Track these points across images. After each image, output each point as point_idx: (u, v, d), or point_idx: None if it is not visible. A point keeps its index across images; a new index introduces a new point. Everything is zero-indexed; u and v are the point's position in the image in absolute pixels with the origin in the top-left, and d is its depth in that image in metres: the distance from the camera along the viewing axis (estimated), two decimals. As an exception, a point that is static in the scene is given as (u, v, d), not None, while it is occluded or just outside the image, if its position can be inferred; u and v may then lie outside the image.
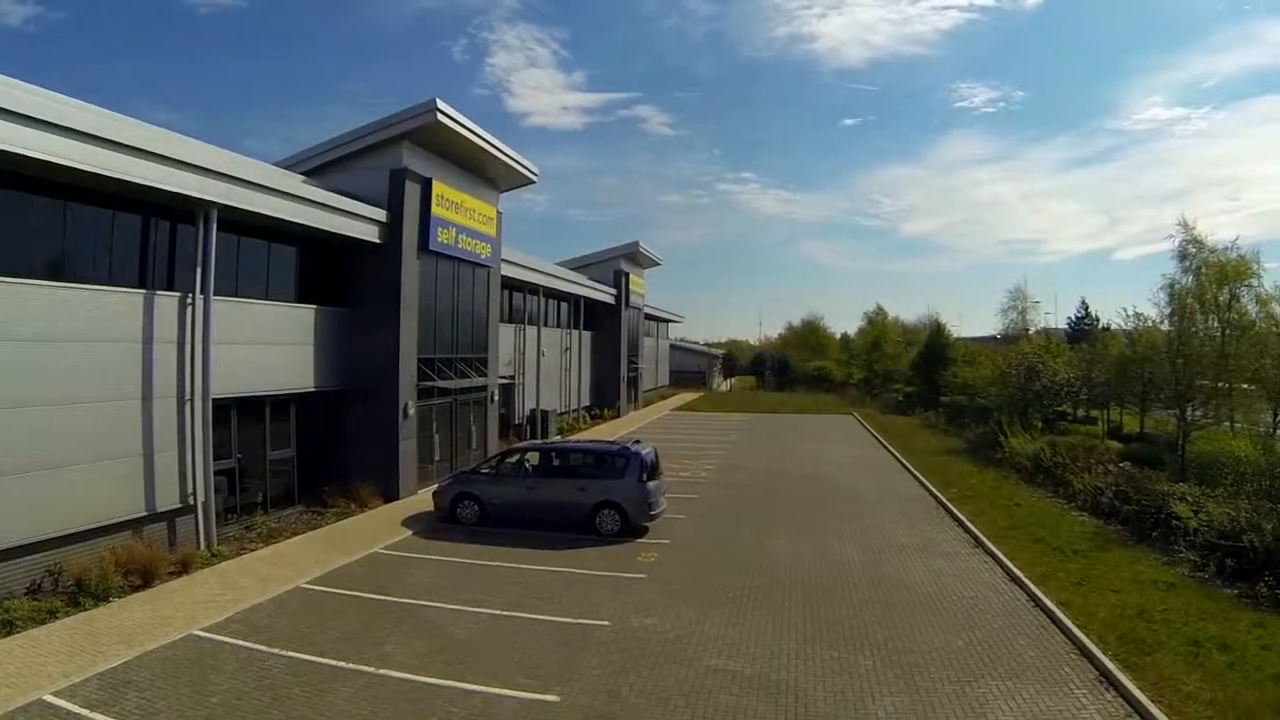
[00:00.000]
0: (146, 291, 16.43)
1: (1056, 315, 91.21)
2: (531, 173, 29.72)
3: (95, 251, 15.93)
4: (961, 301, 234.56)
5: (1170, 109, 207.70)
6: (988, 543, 18.91)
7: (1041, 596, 14.75)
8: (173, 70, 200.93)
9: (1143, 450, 28.86)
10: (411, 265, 23.80)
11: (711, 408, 64.78)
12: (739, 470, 31.08)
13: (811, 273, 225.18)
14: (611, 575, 16.32)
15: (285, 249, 21.47)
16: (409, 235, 23.63)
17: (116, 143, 14.27)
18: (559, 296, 44.27)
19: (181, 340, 17.14)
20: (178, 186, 15.83)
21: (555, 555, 17.70)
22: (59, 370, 14.49)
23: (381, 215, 22.88)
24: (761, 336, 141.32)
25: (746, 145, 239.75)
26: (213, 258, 17.29)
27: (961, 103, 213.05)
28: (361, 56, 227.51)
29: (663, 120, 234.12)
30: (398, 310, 23.18)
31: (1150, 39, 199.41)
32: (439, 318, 25.93)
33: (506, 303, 35.91)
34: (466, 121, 24.20)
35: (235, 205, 17.46)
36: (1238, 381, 28.90)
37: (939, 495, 25.27)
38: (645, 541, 19.15)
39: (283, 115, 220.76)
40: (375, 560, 17.31)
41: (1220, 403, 28.74)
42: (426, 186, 24.34)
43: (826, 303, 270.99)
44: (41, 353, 14.16)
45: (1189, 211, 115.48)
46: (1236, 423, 29.99)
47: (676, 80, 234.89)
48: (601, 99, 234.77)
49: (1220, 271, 29.50)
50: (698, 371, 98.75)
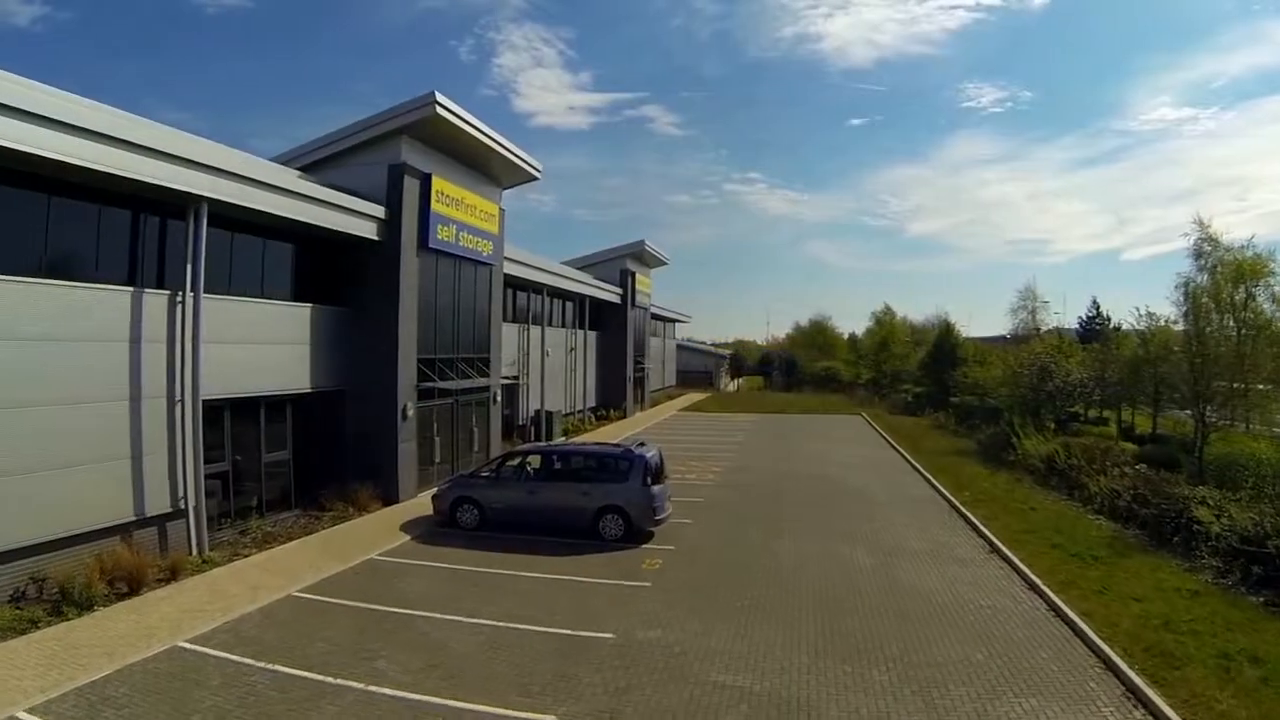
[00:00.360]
0: (134, 289, 15.97)
1: (1065, 315, 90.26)
2: (534, 169, 29.21)
3: (80, 247, 15.45)
4: (969, 302, 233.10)
5: (1178, 109, 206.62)
6: (1004, 548, 18.30)
7: (1062, 606, 14.14)
8: (180, 70, 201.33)
9: (1158, 452, 28.18)
10: (411, 263, 23.30)
11: (719, 408, 64.19)
12: (746, 472, 30.50)
13: (819, 273, 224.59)
14: (614, 583, 15.74)
15: (281, 246, 21.00)
16: (408, 232, 23.14)
17: (99, 134, 13.78)
18: (564, 296, 43.73)
19: (171, 339, 16.70)
20: (165, 180, 15.37)
21: (557, 562, 17.18)
22: (41, 370, 14.02)
23: (380, 212, 22.43)
24: (769, 336, 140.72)
25: (753, 145, 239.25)
26: (203, 254, 16.85)
27: (969, 103, 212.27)
28: (367, 57, 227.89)
29: (670, 120, 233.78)
30: (396, 309, 22.70)
31: (1158, 39, 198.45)
32: (439, 317, 25.43)
33: (510, 302, 35.42)
34: (466, 115, 23.69)
35: (226, 200, 17.00)
36: (1254, 382, 28.33)
37: (951, 498, 24.64)
38: (650, 547, 18.59)
39: (288, 116, 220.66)
40: (371, 567, 16.80)
41: (1238, 404, 28.11)
42: (426, 182, 23.85)
43: (834, 303, 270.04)
44: (21, 352, 13.68)
45: (1196, 211, 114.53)
46: (1253, 424, 29.40)
47: (683, 80, 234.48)
48: (608, 99, 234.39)
49: (1236, 270, 28.91)
50: (705, 372, 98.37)
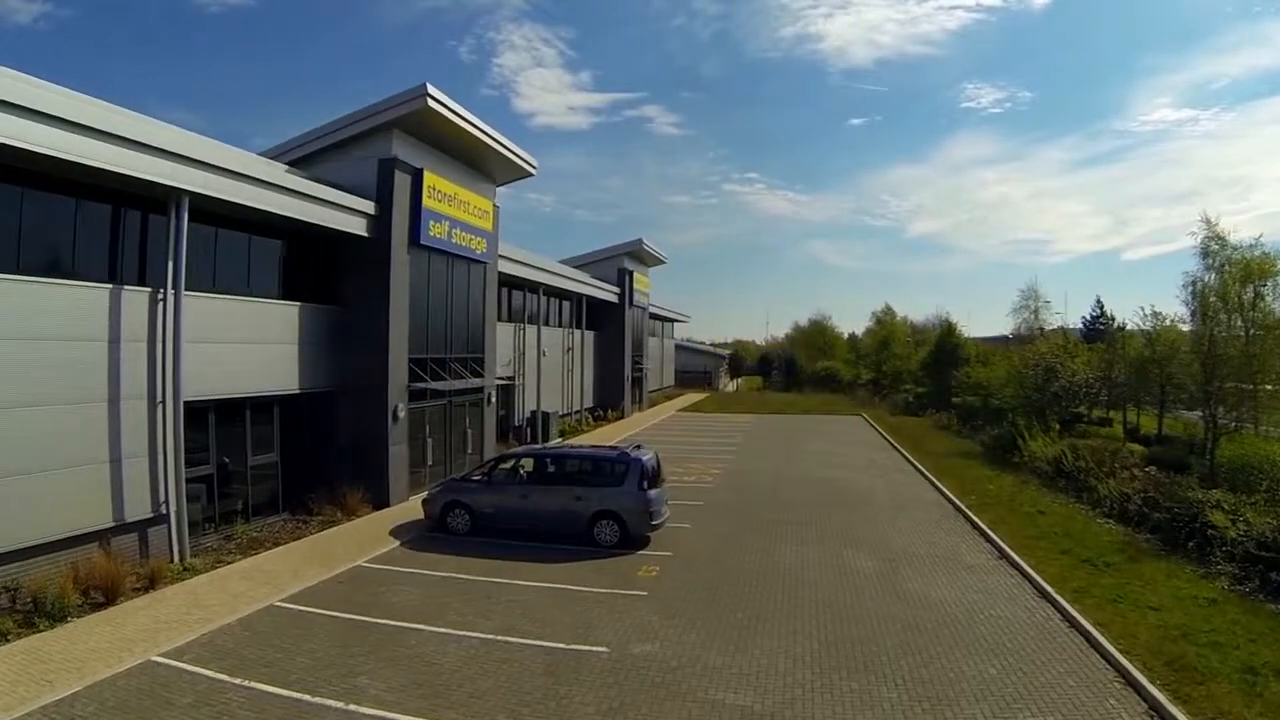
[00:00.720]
0: (113, 286, 15.47)
1: (1067, 315, 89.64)
2: (529, 165, 28.62)
3: (56, 243, 14.93)
4: (969, 302, 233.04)
5: (1178, 110, 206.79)
6: (1013, 554, 17.68)
7: (1077, 616, 13.54)
8: (182, 69, 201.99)
9: (1167, 454, 27.61)
10: (402, 260, 22.73)
11: (718, 409, 63.64)
12: (746, 474, 29.88)
13: (818, 273, 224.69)
14: (609, 593, 15.11)
15: (268, 242, 20.54)
16: (399, 228, 22.59)
17: (71, 122, 13.20)
18: (560, 295, 43.18)
19: (152, 338, 16.20)
20: (143, 172, 14.84)
21: (549, 570, 16.56)
22: (16, 371, 13.50)
23: (369, 207, 21.90)
24: (768, 336, 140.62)
25: (753, 145, 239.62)
26: (184, 250, 16.32)
27: (969, 103, 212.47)
28: (369, 56, 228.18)
29: (669, 120, 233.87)
30: (387, 308, 22.14)
31: (1158, 40, 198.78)
32: (432, 316, 24.86)
33: (505, 301, 34.97)
34: (459, 109, 23.10)
35: (208, 194, 16.49)
36: (1263, 382, 27.78)
37: (956, 501, 24.05)
38: (647, 554, 17.97)
39: (289, 115, 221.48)
40: (358, 575, 16.21)
41: (1250, 405, 27.55)
42: (417, 177, 23.28)
43: (833, 303, 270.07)
44: (-4, 352, 13.13)
45: (1196, 212, 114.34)
46: (1263, 425, 28.85)
47: (683, 80, 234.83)
48: (608, 99, 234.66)
49: (1244, 269, 28.41)
50: (704, 372, 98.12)
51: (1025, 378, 37.57)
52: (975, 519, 21.43)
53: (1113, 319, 58.49)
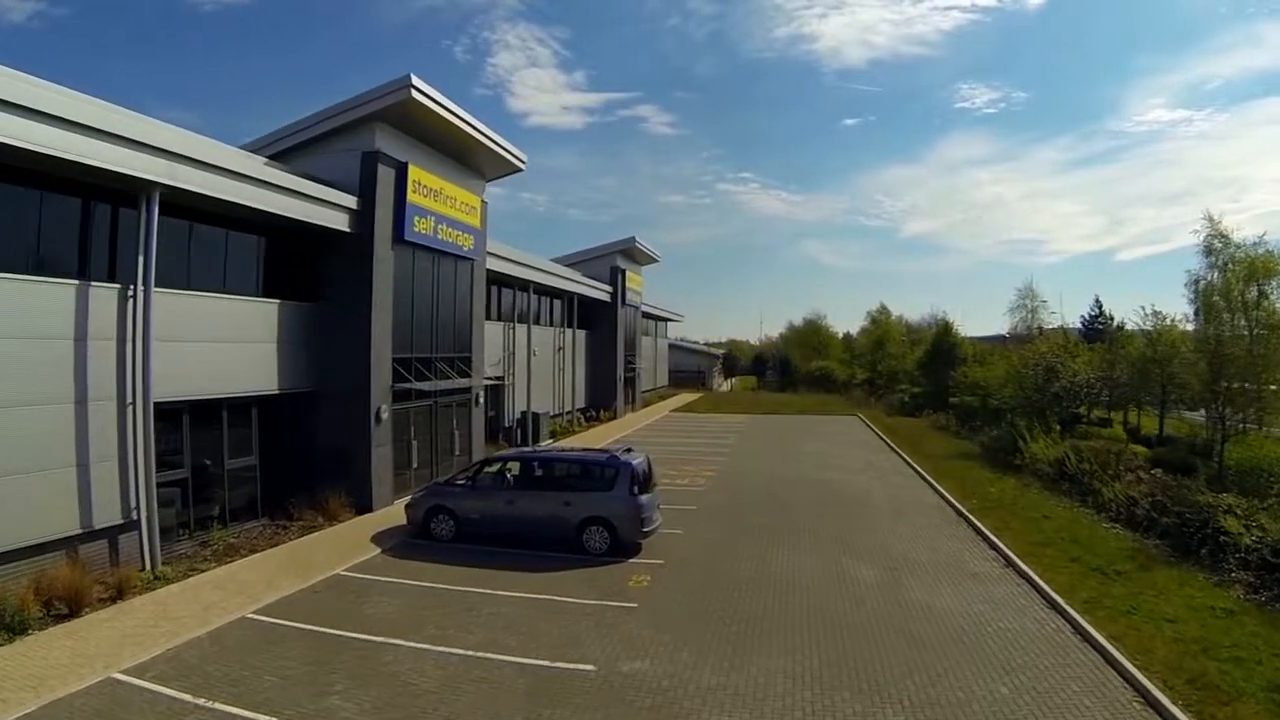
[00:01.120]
0: (80, 282, 14.74)
1: (1062, 315, 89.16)
2: (519, 160, 27.91)
3: (19, 237, 14.15)
4: (964, 302, 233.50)
5: (1173, 110, 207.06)
6: (1019, 562, 17.00)
7: (1089, 629, 12.85)
8: (176, 68, 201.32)
9: (1172, 456, 27.02)
10: (385, 256, 21.99)
11: (712, 409, 62.90)
12: (741, 477, 29.18)
13: (812, 272, 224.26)
14: (598, 604, 14.35)
15: (246, 238, 19.79)
16: (382, 224, 21.86)
17: (36, 111, 12.50)
18: (551, 294, 42.42)
19: (122, 336, 15.49)
20: (111, 163, 14.10)
21: (536, 579, 15.82)
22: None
23: (352, 202, 21.18)
24: (762, 336, 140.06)
25: (747, 145, 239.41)
26: (154, 245, 15.57)
27: (963, 103, 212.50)
28: (364, 55, 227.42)
29: (663, 120, 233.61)
30: (369, 305, 21.41)
31: (1153, 41, 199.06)
32: (417, 314, 24.12)
33: (495, 300, 34.23)
34: (445, 101, 22.39)
35: (181, 186, 15.74)
36: (1267, 383, 27.22)
37: (957, 505, 23.36)
38: (638, 561, 17.23)
39: (284, 114, 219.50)
40: (336, 584, 15.50)
41: (1256, 406, 26.96)
42: (402, 171, 22.55)
43: (828, 303, 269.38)
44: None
45: (1191, 212, 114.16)
46: (1268, 426, 28.28)
47: (677, 80, 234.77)
48: (602, 99, 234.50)
49: (1249, 267, 27.89)
50: (698, 372, 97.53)
51: (1025, 378, 36.94)
52: (978, 524, 20.76)
53: (1111, 318, 58.07)
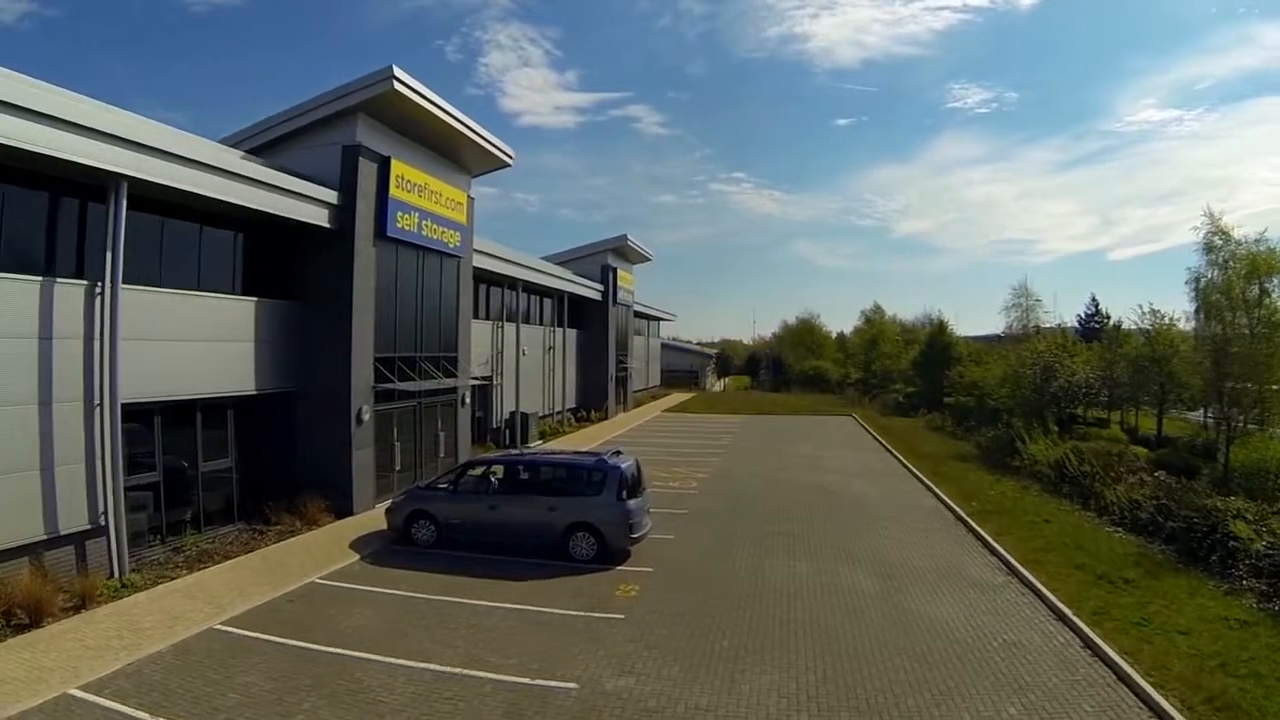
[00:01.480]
0: (45, 279, 14.05)
1: (1055, 314, 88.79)
2: (506, 155, 27.24)
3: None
4: (956, 301, 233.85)
5: (1163, 110, 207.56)
6: (1022, 569, 16.35)
7: (1099, 642, 12.21)
8: (168, 68, 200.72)
9: (1175, 457, 26.48)
10: (366, 252, 21.31)
11: (704, 409, 62.27)
12: (734, 479, 28.51)
13: (805, 272, 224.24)
14: (583, 616, 13.67)
15: (222, 234, 19.12)
16: (364, 219, 21.18)
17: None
18: (541, 292, 41.73)
19: (89, 335, 14.80)
20: (75, 155, 13.42)
21: (518, 589, 15.13)
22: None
23: (332, 196, 20.51)
24: (755, 336, 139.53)
25: (740, 145, 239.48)
26: (121, 240, 14.89)
27: (955, 103, 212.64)
28: (356, 55, 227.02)
29: (655, 120, 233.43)
30: (350, 303, 20.73)
31: (1144, 41, 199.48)
32: (400, 312, 23.41)
33: (483, 298, 33.53)
34: (428, 93, 21.68)
35: (149, 179, 15.04)
36: (1269, 382, 26.68)
37: (956, 508, 22.74)
38: (626, 569, 16.53)
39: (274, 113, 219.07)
40: (310, 593, 14.80)
41: (1263, 407, 26.40)
42: (384, 166, 21.86)
43: (821, 302, 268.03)
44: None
45: (1182, 212, 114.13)
46: (1267, 427, 27.75)
47: (669, 80, 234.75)
48: (594, 98, 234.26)
49: (1250, 264, 27.36)
50: (690, 371, 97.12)
51: (1023, 377, 36.36)
52: (977, 528, 20.14)
53: (1108, 317, 57.61)
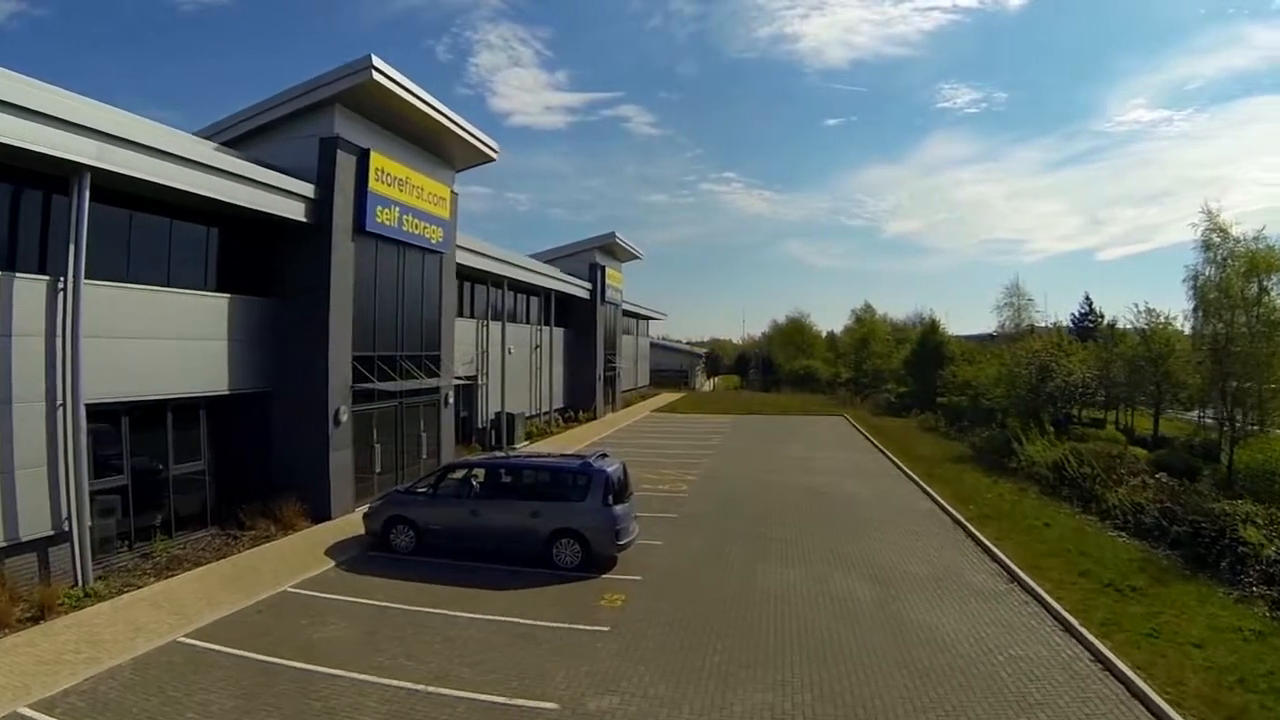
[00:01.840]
0: (3, 274, 13.39)
1: (1047, 313, 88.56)
2: (490, 148, 26.52)
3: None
4: (945, 301, 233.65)
5: (1153, 110, 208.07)
6: (1024, 576, 15.72)
7: (1110, 656, 11.58)
8: (158, 67, 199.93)
9: (1175, 459, 25.93)
10: (345, 248, 20.58)
11: (694, 409, 61.57)
12: (724, 481, 27.84)
13: (795, 272, 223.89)
14: (566, 628, 12.97)
15: (194, 229, 18.37)
16: (341, 213, 20.46)
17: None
18: (528, 290, 40.96)
19: (51, 332, 14.09)
20: (31, 142, 12.72)
21: (499, 598, 14.44)
22: None
23: (308, 190, 19.79)
24: (745, 335, 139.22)
25: (730, 145, 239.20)
26: (84, 233, 14.19)
27: (944, 103, 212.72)
28: (345, 55, 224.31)
29: (646, 120, 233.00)
30: (327, 300, 20.01)
31: (1134, 41, 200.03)
32: (380, 310, 22.67)
33: (467, 296, 32.79)
34: (409, 84, 20.97)
35: (112, 169, 14.33)
36: (1268, 382, 26.20)
37: (953, 511, 22.11)
38: (612, 577, 15.84)
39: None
40: (282, 603, 14.11)
41: (1265, 407, 25.92)
42: (363, 158, 21.14)
43: (811, 302, 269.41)
44: None
45: (1171, 212, 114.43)
46: (1270, 427, 27.27)
47: (660, 80, 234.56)
48: (585, 98, 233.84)
49: (1249, 262, 26.89)
50: (680, 371, 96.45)
51: (1018, 377, 35.79)
52: (976, 533, 19.50)
53: (1101, 316, 57.24)
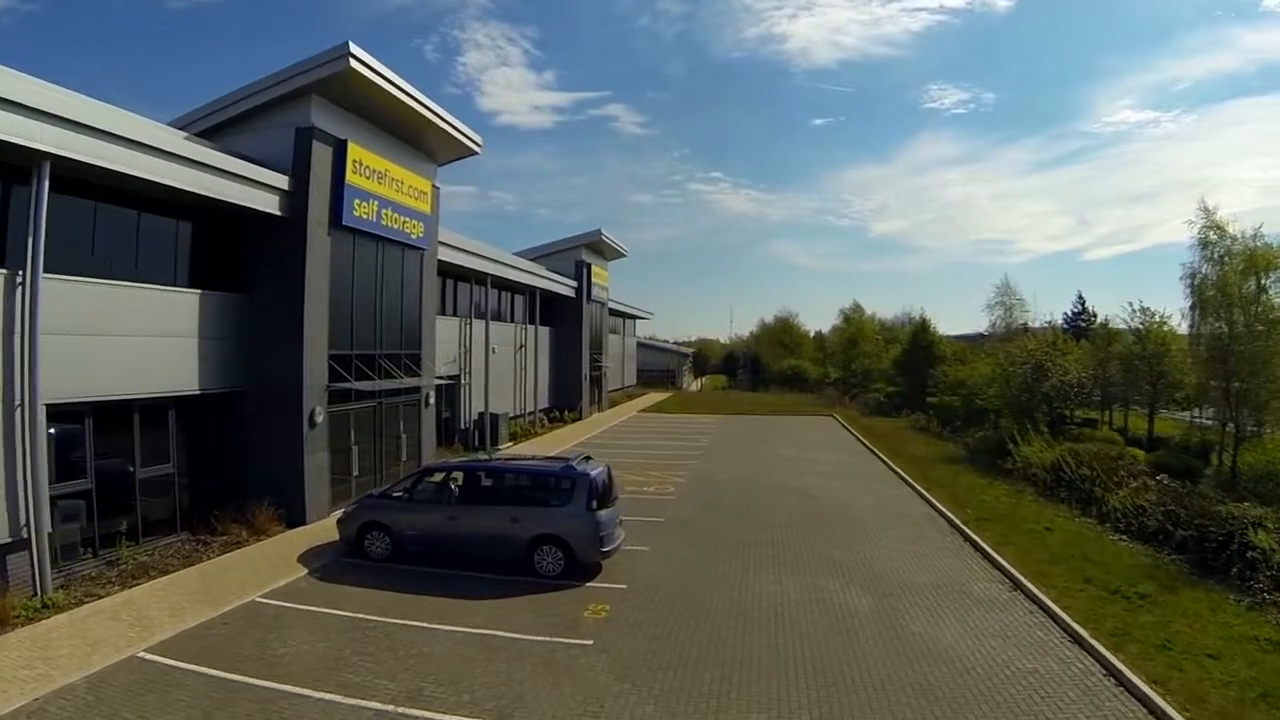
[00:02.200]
0: (-47, 267, 12.56)
1: (1035, 313, 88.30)
2: (473, 141, 25.79)
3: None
4: (933, 301, 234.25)
5: (1140, 111, 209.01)
6: (1028, 584, 15.06)
7: (1124, 670, 10.94)
8: (146, 65, 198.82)
9: (1174, 459, 25.43)
10: (320, 242, 19.84)
11: (681, 409, 60.92)
12: (713, 484, 27.11)
13: (782, 271, 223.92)
14: (547, 642, 12.21)
15: (164, 222, 17.66)
16: (317, 206, 19.72)
17: None
18: (513, 288, 40.21)
19: (8, 329, 13.38)
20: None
21: (477, 609, 13.68)
22: None
23: (283, 182, 19.10)
24: (732, 335, 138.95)
25: (717, 145, 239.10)
26: (44, 225, 13.49)
27: (932, 104, 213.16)
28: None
29: (633, 120, 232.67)
30: (302, 296, 19.30)
31: (1120, 43, 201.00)
32: (358, 307, 21.93)
33: (450, 294, 32.06)
34: (388, 73, 20.26)
35: (73, 157, 13.59)
36: (1269, 381, 25.69)
37: (950, 515, 21.44)
38: (596, 586, 15.11)
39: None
40: (249, 614, 13.34)
41: (1266, 407, 25.42)
42: (340, 149, 20.42)
43: (798, 302, 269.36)
44: None
45: (1157, 213, 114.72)
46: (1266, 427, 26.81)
47: (647, 80, 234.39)
48: (572, 98, 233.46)
49: (1248, 260, 26.41)
50: (667, 370, 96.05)
51: (1013, 376, 35.24)
52: (975, 538, 18.83)
53: (1094, 315, 56.91)
